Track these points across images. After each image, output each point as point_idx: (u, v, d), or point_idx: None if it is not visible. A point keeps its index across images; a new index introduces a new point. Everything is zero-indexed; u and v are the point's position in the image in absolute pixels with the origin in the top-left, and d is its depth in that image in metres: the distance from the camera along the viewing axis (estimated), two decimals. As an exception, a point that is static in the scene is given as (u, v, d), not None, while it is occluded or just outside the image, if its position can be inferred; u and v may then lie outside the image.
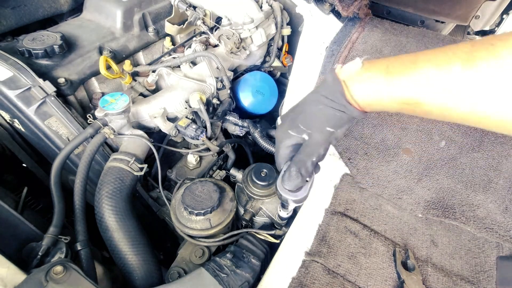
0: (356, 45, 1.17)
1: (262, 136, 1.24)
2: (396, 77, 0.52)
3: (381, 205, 0.93)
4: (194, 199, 0.91)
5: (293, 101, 1.22)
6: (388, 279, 0.76)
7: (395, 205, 0.93)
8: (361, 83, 0.55)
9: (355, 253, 0.80)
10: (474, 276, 0.79)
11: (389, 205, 0.93)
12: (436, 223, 0.89)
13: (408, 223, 0.89)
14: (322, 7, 1.25)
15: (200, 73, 1.21)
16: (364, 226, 0.86)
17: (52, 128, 0.94)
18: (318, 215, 0.89)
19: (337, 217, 0.87)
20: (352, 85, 0.56)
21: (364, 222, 0.87)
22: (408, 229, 0.88)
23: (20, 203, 0.90)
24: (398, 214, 0.91)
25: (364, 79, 0.55)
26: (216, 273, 0.79)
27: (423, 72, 0.49)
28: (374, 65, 0.55)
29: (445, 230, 0.88)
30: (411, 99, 0.51)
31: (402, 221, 0.90)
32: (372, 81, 0.54)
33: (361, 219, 0.88)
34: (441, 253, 0.83)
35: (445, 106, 0.48)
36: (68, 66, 1.04)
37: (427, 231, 0.88)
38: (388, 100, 0.54)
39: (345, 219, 0.87)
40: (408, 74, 0.50)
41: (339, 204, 0.91)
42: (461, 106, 0.46)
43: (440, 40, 1.15)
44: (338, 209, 0.89)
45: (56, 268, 0.62)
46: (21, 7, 1.14)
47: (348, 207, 0.90)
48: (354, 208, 0.90)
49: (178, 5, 1.29)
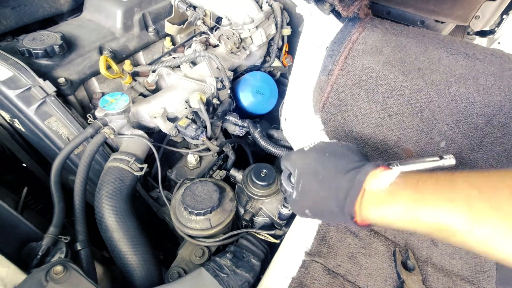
0: (356, 45, 1.17)
1: (262, 136, 1.24)
2: (428, 198, 0.43)
3: None
4: (194, 199, 0.91)
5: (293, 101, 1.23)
6: (388, 279, 0.76)
7: None
8: (381, 207, 0.47)
9: (355, 253, 0.80)
10: (474, 276, 0.79)
11: None
12: None
13: None
14: (322, 7, 1.25)
15: (200, 73, 1.21)
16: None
17: (52, 128, 0.94)
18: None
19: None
20: (368, 206, 0.49)
21: None
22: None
23: (20, 203, 0.90)
24: None
25: (387, 203, 0.46)
26: (216, 273, 0.79)
27: (464, 196, 0.41)
28: (401, 185, 0.46)
29: None
30: (444, 225, 0.42)
31: None
32: (398, 205, 0.46)
33: None
34: (441, 253, 0.83)
35: (489, 240, 0.39)
36: (68, 66, 1.04)
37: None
38: (413, 224, 0.45)
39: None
40: (444, 195, 0.42)
41: None
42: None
43: (440, 40, 1.15)
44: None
45: (56, 268, 0.62)
46: (21, 7, 1.14)
47: None
48: None
49: (178, 5, 1.29)
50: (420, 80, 1.06)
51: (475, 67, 1.05)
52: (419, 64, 1.10)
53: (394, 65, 1.11)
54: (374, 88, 1.09)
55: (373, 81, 1.10)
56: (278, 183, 1.06)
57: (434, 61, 1.09)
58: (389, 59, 1.12)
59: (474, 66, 1.05)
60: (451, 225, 0.41)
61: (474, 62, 1.06)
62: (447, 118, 1.02)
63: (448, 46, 1.11)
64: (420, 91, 1.05)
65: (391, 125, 1.06)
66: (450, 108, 1.02)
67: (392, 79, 1.08)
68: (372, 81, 1.10)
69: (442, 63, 1.09)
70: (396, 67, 1.10)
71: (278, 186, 1.05)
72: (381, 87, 1.09)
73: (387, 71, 1.10)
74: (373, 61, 1.12)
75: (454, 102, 1.02)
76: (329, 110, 1.10)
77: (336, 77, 1.12)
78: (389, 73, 1.10)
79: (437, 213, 0.42)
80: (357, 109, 1.09)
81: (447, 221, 0.41)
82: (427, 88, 1.05)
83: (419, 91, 1.05)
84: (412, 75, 1.08)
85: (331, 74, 1.13)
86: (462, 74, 1.05)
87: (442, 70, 1.07)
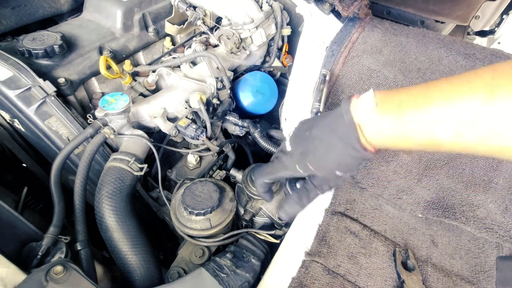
0: (356, 45, 1.17)
1: (262, 136, 1.24)
2: (408, 117, 0.47)
3: (381, 205, 0.93)
4: (194, 199, 0.91)
5: (293, 101, 1.23)
6: (388, 279, 0.76)
7: (395, 205, 0.93)
8: (376, 126, 0.51)
9: (355, 253, 0.80)
10: (474, 276, 0.79)
11: (389, 205, 0.93)
12: (436, 223, 0.89)
13: (408, 223, 0.89)
14: (322, 7, 1.25)
15: (200, 73, 1.21)
16: (364, 226, 0.86)
17: (52, 128, 0.94)
18: (318, 215, 0.89)
19: (337, 217, 0.87)
20: (366, 129, 0.52)
21: (364, 222, 0.87)
22: (408, 229, 0.88)
23: (20, 203, 0.90)
24: (398, 214, 0.91)
25: (378, 122, 0.50)
26: (216, 273, 0.79)
27: (437, 110, 0.44)
28: (387, 102, 0.50)
29: (445, 230, 0.88)
30: (428, 140, 0.47)
31: (402, 221, 0.89)
32: (386, 123, 0.49)
33: (361, 219, 0.88)
34: (441, 253, 0.83)
35: (467, 144, 0.43)
36: (68, 66, 1.04)
37: (427, 231, 0.88)
38: (405, 142, 0.49)
39: (345, 219, 0.87)
40: (420, 112, 0.46)
41: (339, 204, 0.91)
42: (486, 141, 0.42)
43: (440, 40, 1.15)
44: (338, 209, 0.89)
45: (56, 268, 0.62)
46: (21, 7, 1.14)
47: (348, 207, 0.90)
48: (354, 208, 0.90)
49: (178, 5, 1.29)
50: (420, 80, 1.06)
51: (475, 67, 1.05)
52: (419, 64, 1.10)
53: (394, 65, 1.11)
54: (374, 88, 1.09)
55: (373, 81, 1.10)
56: (278, 183, 1.07)
57: (434, 61, 1.09)
58: (389, 59, 1.12)
59: (474, 66, 1.05)
60: (434, 138, 0.46)
61: (474, 62, 1.06)
62: (447, 118, 1.02)
63: (448, 46, 1.12)
64: (420, 91, 1.05)
65: (391, 125, 1.06)
66: (450, 108, 1.02)
67: (392, 79, 1.09)
68: (372, 81, 1.10)
69: (442, 63, 1.09)
70: (396, 67, 1.10)
71: (278, 186, 1.05)
72: (381, 87, 1.09)
73: (387, 71, 1.10)
74: (373, 61, 1.12)
75: (454, 102, 1.02)
76: (329, 110, 1.10)
77: (336, 77, 1.12)
78: (389, 73, 1.10)
79: (419, 130, 0.47)
80: (357, 109, 1.09)
81: (429, 135, 0.46)
82: (427, 88, 1.05)
83: (419, 91, 1.05)
84: (412, 75, 1.08)
85: (331, 74, 1.13)
86: (462, 74, 1.05)
87: (442, 70, 1.07)
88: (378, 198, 0.94)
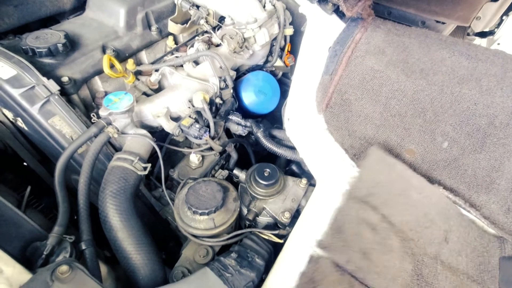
0: (359, 46, 1.17)
1: (265, 136, 1.24)
2: None
3: (406, 190, 0.89)
4: (198, 198, 0.91)
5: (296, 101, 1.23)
6: (397, 277, 0.76)
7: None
8: None
9: (369, 249, 0.79)
10: (479, 276, 0.79)
11: (416, 191, 0.89)
12: (456, 216, 0.88)
13: (427, 215, 0.87)
14: (325, 7, 1.25)
15: (203, 73, 1.21)
16: (383, 217, 0.84)
17: (56, 127, 0.93)
18: (335, 199, 0.86)
19: (357, 206, 0.85)
20: None
21: (383, 212, 0.85)
22: (425, 222, 0.86)
23: (23, 202, 0.90)
24: (422, 202, 0.88)
25: None
26: (220, 273, 0.79)
27: None
28: None
29: (460, 226, 0.87)
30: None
31: (422, 212, 0.88)
32: None
33: (381, 207, 0.86)
34: (449, 250, 0.82)
35: None
36: (72, 65, 1.04)
37: (443, 226, 0.86)
38: None
39: (365, 208, 0.84)
40: None
41: (362, 187, 0.88)
42: None
43: (442, 41, 1.16)
44: (359, 194, 0.87)
45: (62, 268, 0.62)
46: (24, 5, 1.13)
47: (371, 191, 0.87)
48: (378, 193, 0.87)
49: (182, 4, 1.29)
50: (423, 80, 1.07)
51: (478, 68, 1.05)
52: (421, 64, 1.11)
53: (397, 65, 1.11)
54: (377, 89, 1.09)
55: (376, 81, 1.10)
56: (281, 183, 1.07)
57: (437, 62, 1.10)
58: (392, 60, 1.13)
59: (476, 67, 1.06)
60: None
61: (477, 63, 1.07)
62: (449, 119, 1.02)
63: (451, 47, 1.12)
64: (423, 91, 1.06)
65: (394, 126, 1.06)
66: (453, 108, 1.02)
67: (395, 80, 1.09)
68: (375, 82, 1.10)
69: (444, 63, 1.09)
70: (399, 68, 1.11)
71: (281, 186, 1.05)
72: (384, 87, 1.09)
73: (390, 72, 1.10)
74: (376, 62, 1.13)
75: (457, 103, 1.02)
76: (332, 110, 1.10)
77: (339, 77, 1.12)
78: (392, 73, 1.10)
79: None
80: (360, 109, 1.09)
81: None
82: (430, 89, 1.05)
83: (422, 91, 1.06)
84: (415, 75, 1.09)
85: (334, 74, 1.13)
86: (464, 75, 1.05)
87: (445, 71, 1.08)
88: (407, 181, 0.89)
